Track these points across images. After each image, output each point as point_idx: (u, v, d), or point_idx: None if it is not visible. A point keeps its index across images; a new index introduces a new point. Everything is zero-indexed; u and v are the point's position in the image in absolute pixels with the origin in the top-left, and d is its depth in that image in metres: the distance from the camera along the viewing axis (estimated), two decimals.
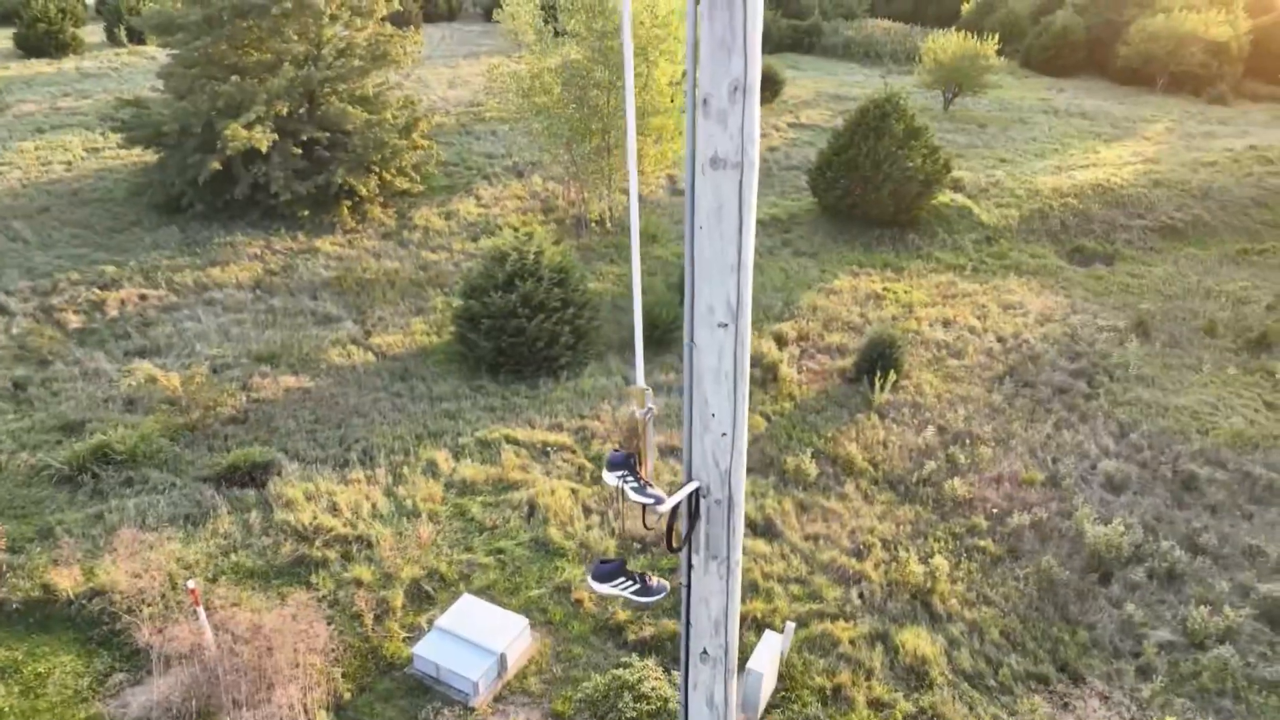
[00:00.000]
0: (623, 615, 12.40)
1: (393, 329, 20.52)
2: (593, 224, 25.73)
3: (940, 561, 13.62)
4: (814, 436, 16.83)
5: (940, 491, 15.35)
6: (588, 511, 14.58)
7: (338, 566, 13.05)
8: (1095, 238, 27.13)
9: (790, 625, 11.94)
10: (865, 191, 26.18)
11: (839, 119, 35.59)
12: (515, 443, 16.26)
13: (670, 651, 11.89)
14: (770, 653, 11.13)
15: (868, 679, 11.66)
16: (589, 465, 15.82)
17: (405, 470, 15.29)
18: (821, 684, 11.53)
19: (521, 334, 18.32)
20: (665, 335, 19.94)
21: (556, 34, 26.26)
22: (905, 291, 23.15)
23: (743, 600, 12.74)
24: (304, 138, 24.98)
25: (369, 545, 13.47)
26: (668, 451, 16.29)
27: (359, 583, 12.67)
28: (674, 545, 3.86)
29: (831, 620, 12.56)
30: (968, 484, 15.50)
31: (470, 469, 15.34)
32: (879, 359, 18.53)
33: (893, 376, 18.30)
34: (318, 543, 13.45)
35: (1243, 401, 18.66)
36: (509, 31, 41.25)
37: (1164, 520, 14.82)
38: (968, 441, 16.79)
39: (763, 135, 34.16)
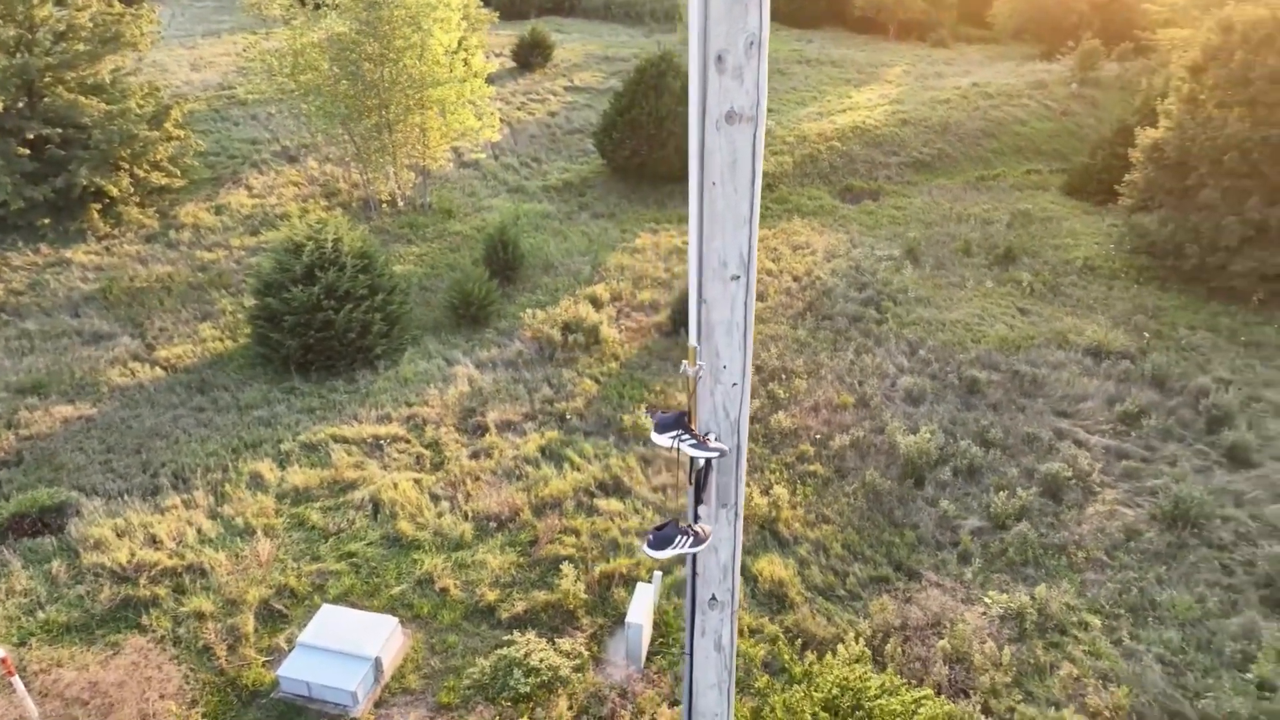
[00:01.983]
0: (492, 595, 12.30)
1: (179, 339, 18.75)
2: (383, 205, 24.63)
3: (780, 491, 14.55)
4: (645, 392, 17.29)
5: (768, 426, 16.32)
6: (436, 499, 14.22)
7: (172, 602, 11.95)
8: (860, 176, 29.46)
9: (657, 575, 12.35)
10: (652, 149, 26.81)
11: (613, 80, 36.04)
12: (344, 441, 15.49)
13: (547, 622, 11.95)
14: (644, 604, 11.48)
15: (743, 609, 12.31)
16: (427, 453, 15.39)
17: (227, 487, 14.16)
18: None
19: (330, 327, 17.35)
20: (480, 312, 19.62)
21: (317, 6, 24.62)
22: None
23: (606, 559, 13.03)
24: (29, 136, 21.96)
25: (203, 573, 12.43)
26: (505, 426, 16.16)
27: (201, 615, 11.69)
28: (701, 499, 3.89)
29: None
30: (790, 416, 16.59)
31: (300, 475, 14.46)
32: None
33: None
34: (142, 581, 12.23)
35: (1001, 310, 21.16)
36: (250, 5, 38.12)
37: (958, 423, 16.63)
38: (783, 376, 17.91)
39: (541, 100, 33.99)
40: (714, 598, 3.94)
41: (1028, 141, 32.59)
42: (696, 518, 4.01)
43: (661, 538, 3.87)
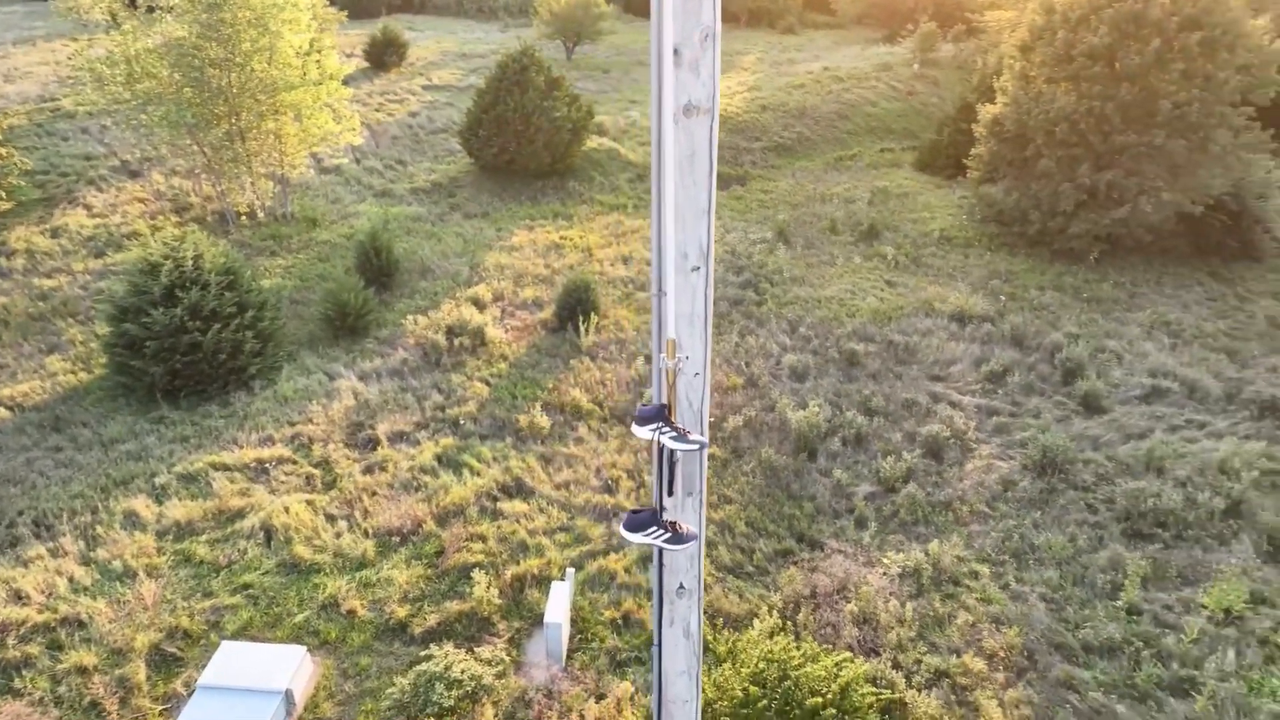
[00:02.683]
0: (402, 612, 11.96)
1: (23, 375, 17.27)
2: (242, 217, 23.38)
3: None
4: (537, 390, 17.17)
5: None
6: (332, 519, 13.69)
7: (48, 660, 11.04)
8: (726, 163, 30.12)
9: (570, 571, 12.33)
10: (520, 145, 26.57)
11: (472, 77, 35.48)
12: (225, 468, 14.67)
13: (462, 632, 11.74)
14: (561, 602, 11.44)
15: (648, 598, 12.46)
16: (317, 473, 14.79)
17: (99, 530, 13.18)
18: (611, 616, 12.12)
19: (198, 349, 16.38)
20: (358, 322, 18.97)
21: (150, 9, 23.05)
22: (580, 237, 24.10)
23: (517, 562, 12.91)
24: None
25: (81, 625, 11.54)
26: (397, 437, 15.72)
27: (84, 669, 10.86)
28: (672, 490, 3.87)
29: (603, 556, 13.16)
30: None
31: (181, 508, 13.61)
32: (577, 305, 19.24)
33: (594, 319, 19.14)
34: (10, 641, 11.24)
35: (870, 284, 22.15)
36: (67, 10, 35.29)
37: (842, 394, 17.32)
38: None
39: (399, 100, 33.07)
40: (682, 586, 3.99)
41: (879, 122, 34.17)
42: (663, 509, 4.04)
43: (637, 521, 3.87)
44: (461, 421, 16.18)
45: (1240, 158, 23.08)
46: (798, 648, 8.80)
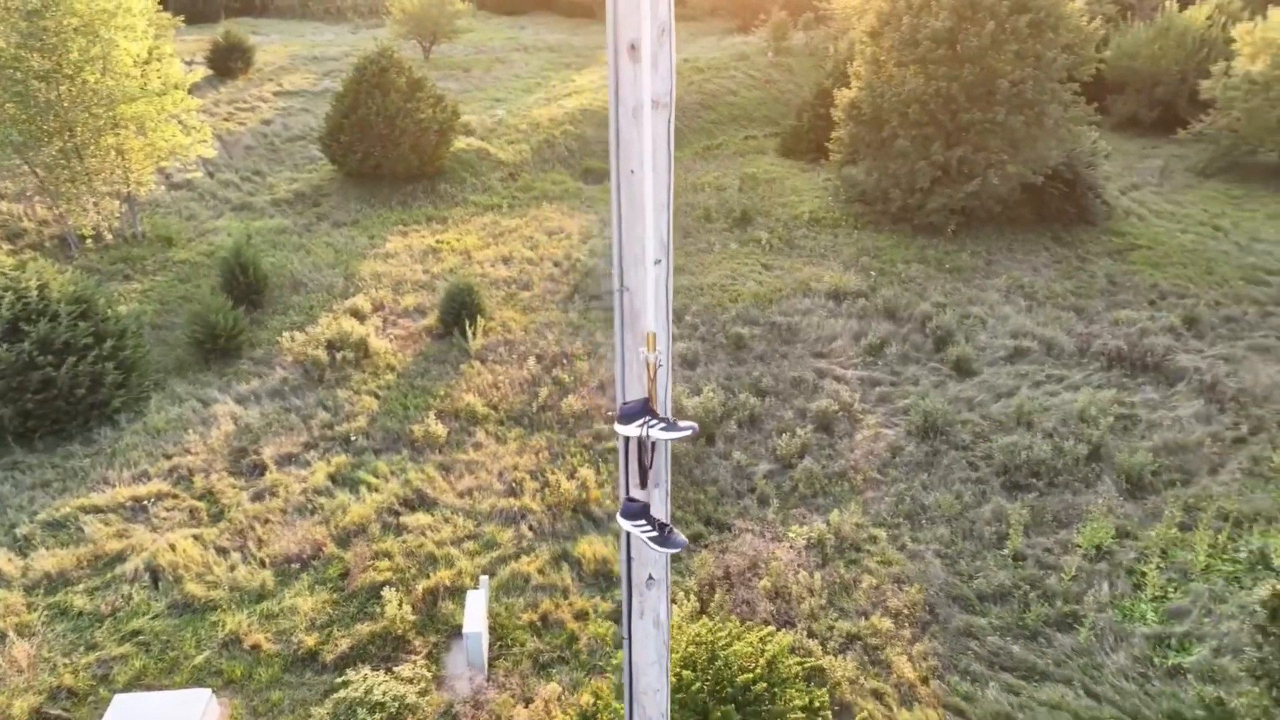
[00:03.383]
0: (311, 640, 11.49)
1: None
2: (86, 241, 21.71)
3: (585, 473, 14.79)
4: (429, 399, 16.78)
5: (560, 412, 16.47)
6: (224, 552, 12.98)
7: None
8: (598, 157, 30.18)
9: (484, 579, 12.15)
10: (386, 149, 25.82)
11: (327, 81, 34.20)
12: (97, 510, 13.67)
13: (377, 654, 11.38)
14: (478, 611, 11.26)
15: (565, 597, 12.44)
16: (201, 505, 13.98)
17: None
18: (529, 619, 12.02)
19: (52, 386, 15.17)
20: (230, 343, 18.02)
21: None
22: (457, 239, 23.65)
23: (427, 575, 12.62)
24: None
25: None
26: (285, 460, 15.05)
27: None
28: (645, 483, 3.93)
29: (515, 560, 13.03)
30: (580, 398, 16.84)
31: (50, 559, 12.59)
32: (461, 309, 18.91)
33: (480, 322, 18.85)
34: None
35: (749, 268, 22.73)
36: None
37: (733, 378, 17.73)
38: (565, 361, 18.13)
39: (251, 108, 31.49)
40: (651, 577, 4.02)
41: (741, 110, 35.04)
42: (630, 501, 4.05)
43: (632, 510, 3.95)
44: (353, 437, 15.64)
45: (1070, 130, 24.96)
46: (722, 628, 8.99)
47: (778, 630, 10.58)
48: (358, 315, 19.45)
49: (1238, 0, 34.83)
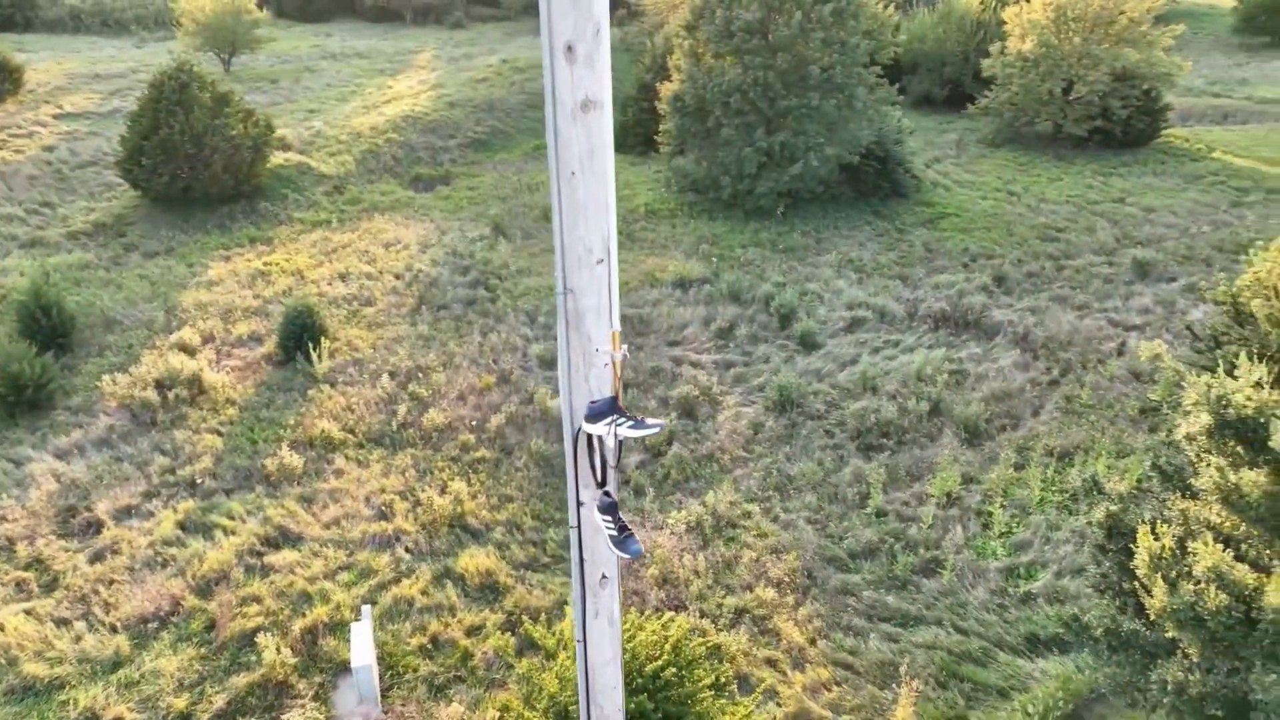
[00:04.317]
0: (181, 703, 10.67)
1: None
2: None
3: (457, 486, 14.47)
4: (279, 430, 15.88)
5: (422, 428, 16.01)
6: (64, 623, 11.79)
7: None
8: (426, 164, 29.46)
9: (365, 609, 11.66)
10: (195, 170, 24.12)
11: (115, 100, 31.56)
12: None
13: (258, 705, 10.70)
14: (364, 643, 10.81)
15: (453, 615, 12.15)
16: (29, 575, 12.63)
17: None
18: (419, 642, 11.66)
19: None
20: (39, 394, 16.34)
21: None
22: (287, 260, 22.45)
23: (302, 614, 11.98)
24: None
25: None
26: (124, 513, 13.82)
27: None
28: (604, 482, 3.90)
29: (395, 585, 12.60)
30: (441, 411, 16.43)
31: None
32: (302, 332, 18.00)
33: (325, 344, 18.01)
34: None
35: None
36: None
37: None
38: (420, 375, 17.63)
39: (28, 134, 28.56)
40: (604, 576, 4.00)
41: None
42: (580, 503, 4.01)
43: (605, 505, 3.99)
44: (198, 480, 14.58)
45: (878, 110, 26.67)
46: (624, 621, 9.06)
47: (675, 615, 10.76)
48: (187, 350, 18.10)
49: None
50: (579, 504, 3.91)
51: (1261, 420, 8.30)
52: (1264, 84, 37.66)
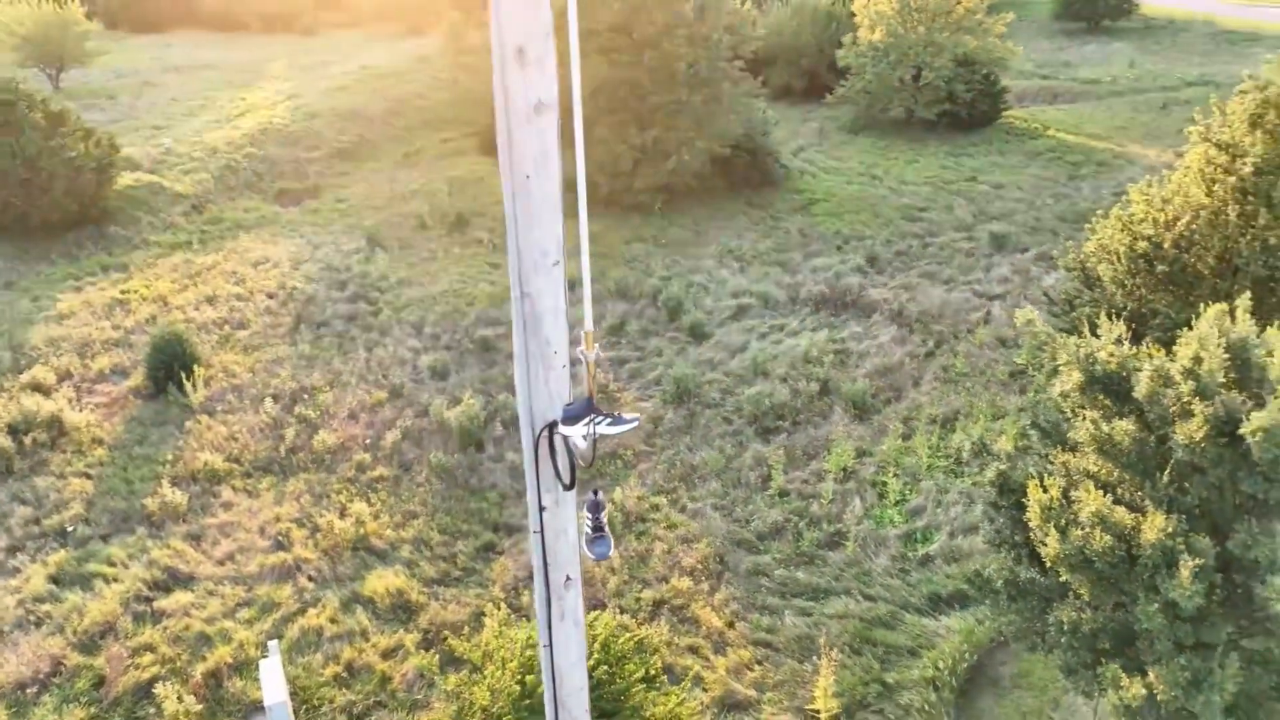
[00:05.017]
0: None
1: None
2: None
3: (357, 507, 14.01)
4: (156, 466, 14.95)
5: (313, 451, 15.40)
6: None
7: None
8: (290, 178, 28.28)
9: (272, 644, 11.08)
10: (33, 197, 22.36)
11: None
12: None
13: None
14: (275, 680, 10.29)
15: (366, 639, 11.77)
16: None
17: None
18: (333, 672, 11.25)
19: None
20: None
21: None
22: (146, 286, 21.11)
23: (203, 658, 11.35)
24: None
25: None
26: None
27: None
28: (573, 483, 3.92)
29: (301, 615, 12.09)
30: (332, 431, 15.85)
31: None
32: (173, 361, 16.99)
33: (199, 372, 17.05)
34: None
35: (477, 271, 22.54)
36: None
37: (488, 380, 17.58)
38: (306, 396, 16.95)
39: None
40: (568, 578, 3.96)
41: (433, 114, 34.41)
42: (542, 508, 3.94)
43: (595, 504, 4.05)
44: (69, 528, 13.56)
45: (744, 103, 27.38)
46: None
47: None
48: (41, 390, 16.77)
49: None
50: (541, 509, 3.87)
51: (1124, 374, 9.04)
52: (1085, 66, 40.77)
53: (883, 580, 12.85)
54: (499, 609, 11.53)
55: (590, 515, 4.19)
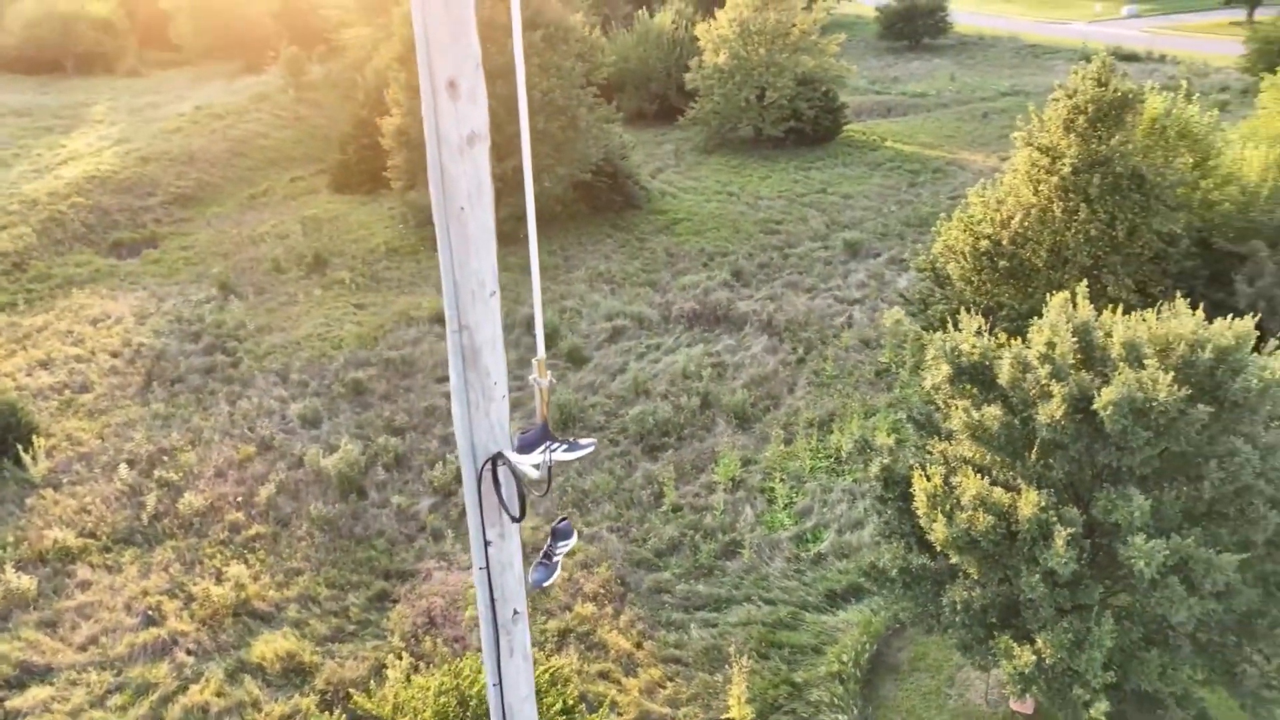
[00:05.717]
0: None
1: None
2: None
3: (234, 570, 13.17)
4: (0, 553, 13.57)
5: (179, 516, 14.39)
6: None
7: None
8: (125, 227, 26.47)
9: None
10: None
11: None
12: None
13: None
14: None
15: (259, 709, 11.06)
16: None
17: None
18: None
19: None
20: None
21: None
22: None
23: None
24: None
25: None
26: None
27: None
28: (523, 514, 3.73)
29: (182, 694, 11.24)
30: (198, 493, 14.87)
31: None
32: (5, 434, 15.55)
33: (39, 442, 15.65)
34: None
35: (342, 311, 21.75)
36: None
37: (364, 424, 16.95)
38: (165, 458, 15.84)
39: None
40: (516, 611, 3.82)
41: (278, 153, 33.08)
42: (487, 543, 3.78)
43: (564, 530, 4.27)
44: None
45: (601, 129, 27.71)
46: (461, 669, 8.74)
47: None
48: None
49: (690, 5, 41.38)
50: (486, 543, 3.76)
51: (986, 363, 9.69)
52: (911, 80, 43.63)
53: (780, 583, 13.17)
54: (401, 658, 11.13)
55: (552, 543, 4.12)
